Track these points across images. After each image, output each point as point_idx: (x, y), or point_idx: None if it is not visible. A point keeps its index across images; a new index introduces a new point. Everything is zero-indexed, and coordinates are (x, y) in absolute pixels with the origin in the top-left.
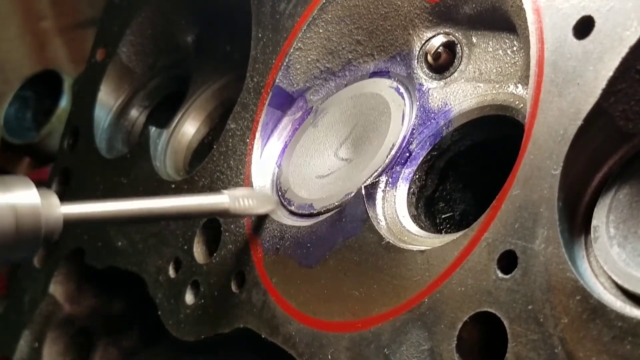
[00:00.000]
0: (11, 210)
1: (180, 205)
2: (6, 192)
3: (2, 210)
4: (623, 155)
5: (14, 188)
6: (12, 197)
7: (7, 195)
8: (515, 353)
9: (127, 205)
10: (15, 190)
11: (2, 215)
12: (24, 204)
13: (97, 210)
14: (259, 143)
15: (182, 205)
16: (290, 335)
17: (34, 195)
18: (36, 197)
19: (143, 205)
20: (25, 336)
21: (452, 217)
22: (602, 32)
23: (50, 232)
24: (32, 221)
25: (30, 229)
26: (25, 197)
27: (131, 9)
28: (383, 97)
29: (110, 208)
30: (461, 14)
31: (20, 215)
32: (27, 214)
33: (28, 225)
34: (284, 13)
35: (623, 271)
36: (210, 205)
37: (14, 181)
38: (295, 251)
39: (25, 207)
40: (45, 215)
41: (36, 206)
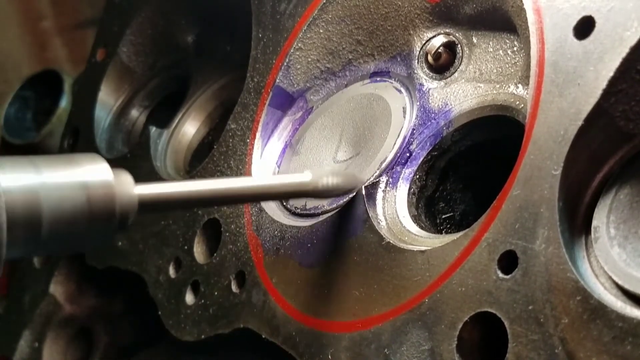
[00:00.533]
0: (82, 188)
1: (263, 185)
2: (75, 167)
3: (74, 188)
4: (623, 155)
5: (83, 163)
6: (82, 173)
7: (77, 171)
8: (516, 353)
9: (206, 186)
10: (85, 165)
11: (74, 193)
12: (95, 181)
13: (175, 191)
14: (259, 143)
15: (265, 186)
16: (290, 335)
17: (106, 172)
18: (109, 174)
19: (223, 186)
20: (25, 336)
21: (453, 217)
22: (603, 32)
23: (125, 213)
24: (105, 200)
25: (104, 210)
26: (97, 174)
27: (131, 9)
28: (383, 97)
29: (188, 188)
30: (461, 14)
31: (93, 194)
32: (100, 192)
33: (101, 205)
34: (285, 13)
35: (623, 271)
36: (295, 185)
37: (83, 157)
38: (295, 251)
39: (97, 184)
40: (120, 194)
41: (109, 184)
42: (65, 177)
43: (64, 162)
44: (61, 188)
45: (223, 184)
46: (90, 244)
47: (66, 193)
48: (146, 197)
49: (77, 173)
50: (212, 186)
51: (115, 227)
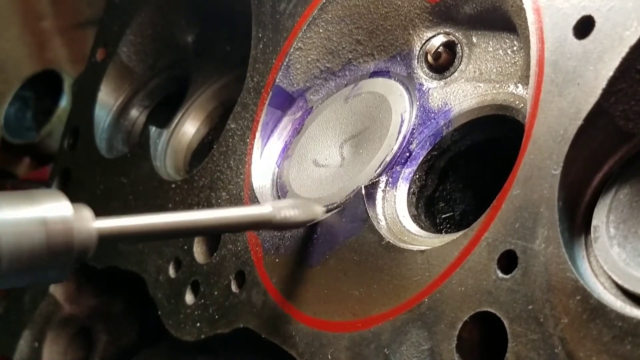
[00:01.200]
0: (41, 224)
1: (222, 217)
2: (34, 204)
3: (32, 224)
4: (623, 155)
5: (43, 200)
6: (42, 209)
7: (37, 208)
8: (516, 353)
9: (165, 219)
10: (44, 202)
11: (32, 228)
12: (54, 217)
13: (133, 224)
14: (259, 143)
15: (223, 218)
16: (290, 335)
17: (65, 208)
18: (68, 209)
19: (183, 219)
20: (25, 336)
21: (452, 217)
22: (603, 32)
23: (83, 248)
24: (63, 235)
25: (62, 244)
26: (56, 210)
27: (131, 9)
28: (384, 96)
29: (147, 221)
30: (461, 13)
31: (51, 229)
32: (59, 227)
33: (60, 240)
34: (284, 13)
35: (623, 271)
36: (253, 217)
37: (43, 193)
38: (295, 251)
39: (56, 220)
40: (78, 229)
41: (68, 219)
42: (24, 213)
43: (24, 199)
44: (20, 224)
45: (182, 217)
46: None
47: (25, 229)
48: (105, 230)
49: (36, 209)
50: (170, 219)
51: (72, 261)
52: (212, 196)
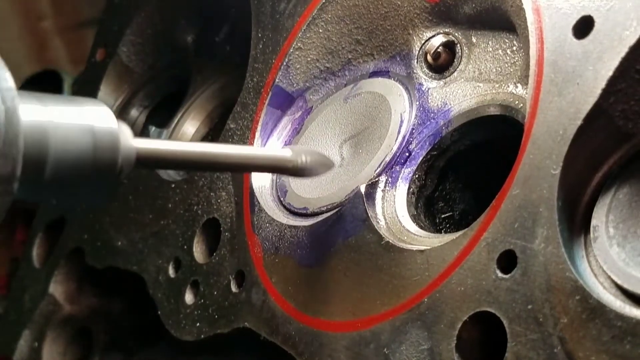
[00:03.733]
0: (89, 133)
1: (249, 154)
2: (82, 111)
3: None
4: (623, 155)
5: (89, 108)
6: (90, 117)
7: (84, 114)
8: (515, 352)
9: (196, 148)
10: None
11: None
12: (102, 127)
13: (168, 149)
14: (258, 142)
15: (250, 155)
16: (289, 334)
17: (111, 120)
18: (114, 122)
19: (211, 150)
20: (25, 336)
21: (452, 217)
22: (602, 31)
23: (125, 164)
24: (110, 148)
25: (108, 158)
26: (103, 120)
27: (131, 9)
28: (383, 96)
29: (180, 148)
30: (461, 13)
31: (99, 140)
32: (106, 139)
33: (106, 153)
34: (284, 13)
35: (622, 271)
36: (275, 159)
37: (88, 102)
38: (294, 251)
39: (103, 131)
40: (123, 145)
41: (114, 132)
42: (74, 117)
43: (71, 104)
44: (69, 128)
45: (211, 149)
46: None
47: (73, 134)
48: (143, 151)
49: (83, 116)
50: (201, 149)
51: (115, 178)
52: (212, 196)
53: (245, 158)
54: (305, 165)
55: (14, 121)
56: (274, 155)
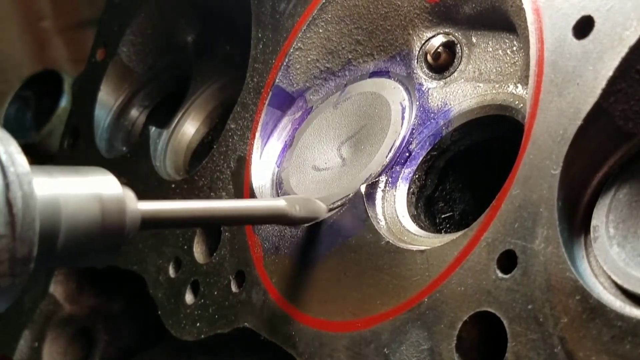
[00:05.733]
0: (97, 201)
1: (244, 208)
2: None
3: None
4: (623, 155)
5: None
6: (96, 185)
7: (91, 183)
8: (515, 352)
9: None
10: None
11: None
12: (109, 194)
13: (171, 209)
14: (258, 143)
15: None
16: (290, 334)
17: (116, 186)
18: (119, 188)
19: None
20: (26, 336)
21: (452, 217)
22: (602, 31)
23: (131, 229)
24: (117, 214)
25: (116, 224)
26: (109, 187)
27: (131, 8)
28: (377, 93)
29: (182, 207)
30: (461, 14)
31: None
32: (113, 205)
33: (114, 219)
34: (284, 13)
35: (622, 271)
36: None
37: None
38: (294, 251)
39: (110, 197)
40: (128, 209)
41: (120, 197)
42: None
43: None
44: (78, 199)
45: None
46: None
47: (83, 204)
48: (148, 213)
49: (90, 185)
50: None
51: (122, 241)
52: (212, 196)
53: (241, 212)
54: (298, 215)
55: (30, 205)
56: (269, 207)
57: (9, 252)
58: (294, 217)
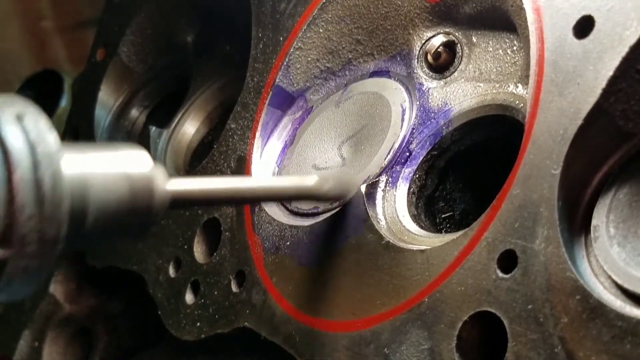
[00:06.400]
0: (126, 180)
1: (276, 186)
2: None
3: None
4: (623, 154)
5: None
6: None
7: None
8: (515, 352)
9: (228, 184)
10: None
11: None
12: (137, 173)
13: (200, 188)
14: (259, 142)
15: (277, 186)
16: (290, 334)
17: (146, 163)
18: (148, 165)
19: (242, 185)
20: (26, 336)
21: (452, 217)
22: (602, 31)
23: (159, 209)
24: (145, 193)
25: (144, 203)
26: (138, 165)
27: (131, 8)
28: (378, 93)
29: (212, 186)
30: (461, 13)
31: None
32: (141, 185)
33: (142, 198)
34: (284, 13)
35: (623, 271)
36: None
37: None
38: (295, 251)
39: (139, 177)
40: (157, 189)
41: (149, 176)
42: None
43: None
44: (107, 178)
45: (241, 184)
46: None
47: (111, 184)
48: (177, 192)
49: (120, 162)
50: (232, 184)
51: (150, 221)
52: None
53: (271, 189)
54: (329, 193)
55: (59, 186)
56: (298, 185)
57: (38, 233)
58: (324, 194)
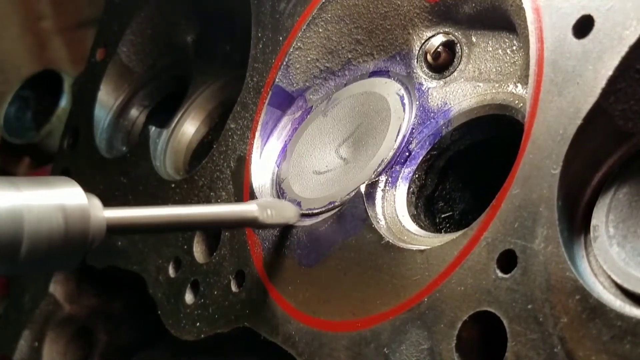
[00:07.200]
0: (60, 211)
1: (214, 213)
2: (53, 189)
3: (52, 210)
4: (622, 154)
5: (59, 186)
6: (60, 196)
7: (55, 194)
8: (515, 352)
9: (164, 212)
10: (60, 188)
11: (52, 215)
12: (72, 204)
13: (137, 215)
14: (258, 142)
15: (215, 213)
16: (289, 334)
17: (80, 195)
18: (83, 197)
19: (180, 212)
20: (25, 335)
21: (452, 217)
22: (602, 31)
23: (95, 237)
24: (80, 223)
25: (79, 233)
26: (73, 197)
27: (131, 9)
28: (367, 91)
29: (149, 214)
30: (461, 13)
31: (70, 217)
32: (76, 215)
33: (77, 228)
34: (284, 12)
35: (622, 270)
36: (240, 215)
37: (58, 180)
38: (295, 251)
39: (74, 207)
40: (93, 218)
41: (84, 207)
42: (45, 199)
43: (41, 184)
44: (41, 210)
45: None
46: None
47: (46, 215)
48: (113, 220)
49: (54, 195)
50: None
51: (86, 249)
52: (211, 196)
53: (210, 217)
54: (269, 220)
55: None
56: (239, 212)
57: None
58: (265, 222)
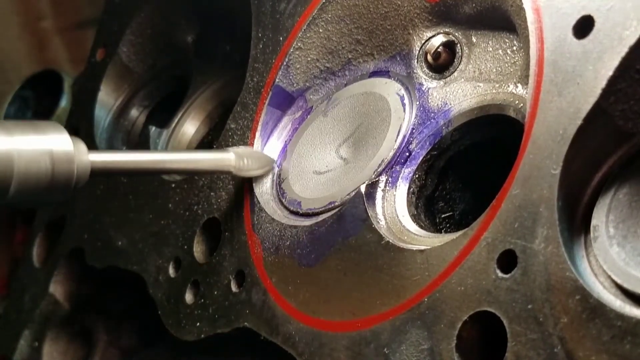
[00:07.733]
0: (48, 156)
1: (192, 159)
2: (41, 135)
3: (40, 155)
4: (623, 154)
5: (48, 132)
6: (48, 142)
7: (43, 140)
8: (515, 352)
9: (146, 157)
10: (49, 134)
11: (39, 159)
12: (59, 150)
13: (120, 160)
14: (258, 142)
15: (193, 159)
16: (289, 334)
17: (67, 142)
18: (69, 144)
19: (159, 158)
20: (25, 335)
21: (452, 217)
22: (602, 31)
23: (79, 179)
24: (66, 167)
25: (64, 175)
26: (60, 143)
27: (131, 9)
28: (366, 92)
29: (131, 158)
30: (461, 13)
31: (56, 161)
32: (62, 160)
33: (62, 172)
34: (284, 13)
35: (622, 270)
36: (217, 161)
37: (47, 126)
38: (295, 251)
39: (60, 152)
40: (77, 162)
41: (70, 153)
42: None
43: (31, 129)
44: (30, 154)
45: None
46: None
47: (34, 159)
48: (97, 164)
49: (43, 140)
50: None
51: (71, 190)
52: (212, 196)
53: (188, 162)
54: (246, 167)
55: None
56: (216, 159)
57: None
58: (241, 170)
